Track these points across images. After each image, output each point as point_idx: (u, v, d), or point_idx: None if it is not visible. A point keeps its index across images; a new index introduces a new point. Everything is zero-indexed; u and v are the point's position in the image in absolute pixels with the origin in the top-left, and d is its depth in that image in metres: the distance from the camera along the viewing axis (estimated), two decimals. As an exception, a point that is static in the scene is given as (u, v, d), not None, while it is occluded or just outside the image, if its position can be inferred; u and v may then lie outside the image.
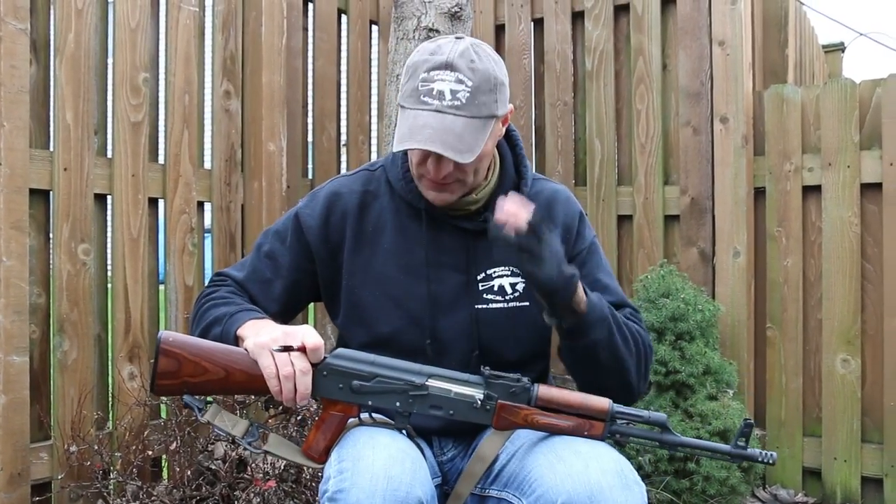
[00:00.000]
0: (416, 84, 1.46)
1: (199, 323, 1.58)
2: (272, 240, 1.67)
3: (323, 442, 1.45)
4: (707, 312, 2.83)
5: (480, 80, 1.46)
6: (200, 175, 2.75)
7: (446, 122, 1.42)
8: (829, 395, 2.95)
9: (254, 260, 1.67)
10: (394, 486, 1.28)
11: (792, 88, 3.06)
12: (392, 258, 1.60)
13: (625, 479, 1.33)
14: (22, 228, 2.24)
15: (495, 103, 1.48)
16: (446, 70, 1.44)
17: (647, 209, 3.28)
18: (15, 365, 2.22)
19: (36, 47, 2.35)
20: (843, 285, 2.92)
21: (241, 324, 1.49)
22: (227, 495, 2.26)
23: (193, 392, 1.46)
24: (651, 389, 2.79)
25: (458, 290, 1.59)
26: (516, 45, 3.62)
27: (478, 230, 1.59)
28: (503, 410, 1.42)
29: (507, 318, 1.60)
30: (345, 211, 1.63)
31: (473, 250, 1.60)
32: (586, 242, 1.68)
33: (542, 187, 1.69)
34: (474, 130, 1.45)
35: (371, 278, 1.60)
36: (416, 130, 1.43)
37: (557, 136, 3.50)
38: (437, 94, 1.44)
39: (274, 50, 2.93)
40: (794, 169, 3.02)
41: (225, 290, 1.63)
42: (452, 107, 1.43)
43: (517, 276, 1.61)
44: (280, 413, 2.53)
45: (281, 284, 1.63)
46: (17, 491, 2.22)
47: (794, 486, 3.01)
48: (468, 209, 1.59)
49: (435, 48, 1.49)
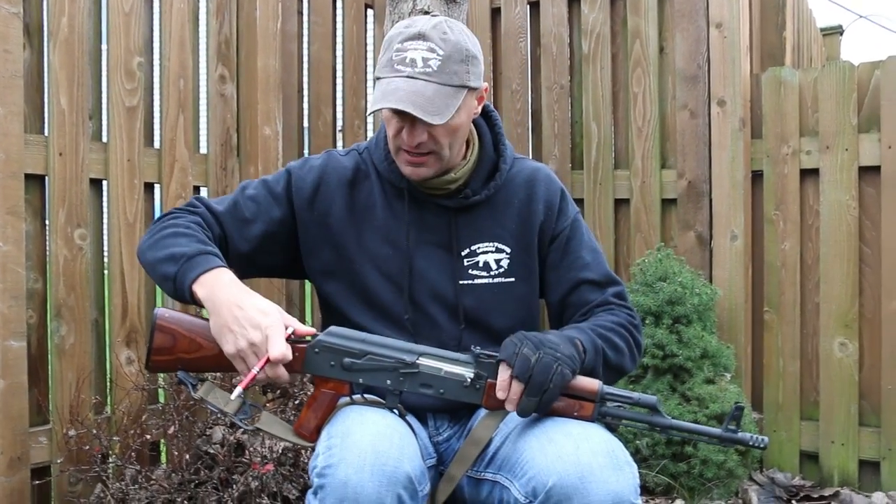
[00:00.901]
0: (390, 55, 1.51)
1: (154, 246, 1.53)
2: (259, 186, 1.67)
3: (314, 420, 1.45)
4: (704, 296, 2.83)
5: (452, 50, 1.50)
6: (196, 160, 2.75)
7: (417, 86, 1.47)
8: (827, 378, 2.96)
9: (236, 197, 1.66)
10: (382, 461, 1.28)
11: (790, 71, 3.05)
12: (381, 234, 1.64)
13: (616, 460, 1.33)
14: (18, 214, 2.24)
15: (467, 73, 1.52)
16: (419, 40, 1.49)
17: (644, 193, 3.28)
18: (13, 350, 2.22)
19: (29, 31, 2.33)
20: (841, 269, 2.92)
21: (194, 277, 1.44)
22: (225, 479, 2.27)
23: (188, 368, 1.47)
24: (648, 373, 2.80)
25: (443, 267, 1.63)
26: (512, 28, 3.60)
27: (459, 207, 1.64)
28: (493, 389, 1.42)
29: (493, 294, 1.64)
30: (337, 182, 1.66)
31: (455, 227, 1.64)
32: (568, 219, 1.70)
33: (521, 167, 1.71)
34: (445, 96, 1.48)
35: (363, 252, 1.63)
36: (388, 94, 1.47)
37: (554, 119, 3.49)
38: (410, 61, 1.48)
39: (269, 34, 2.92)
40: (792, 152, 3.02)
41: (191, 219, 1.59)
42: (423, 73, 1.48)
43: (501, 252, 1.65)
44: (278, 397, 2.54)
45: (259, 228, 1.63)
46: (17, 475, 2.23)
47: (791, 469, 3.02)
48: (448, 188, 1.62)
49: (409, 22, 1.54)
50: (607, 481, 1.30)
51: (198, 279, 1.44)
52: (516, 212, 1.66)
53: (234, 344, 1.38)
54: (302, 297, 3.21)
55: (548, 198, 1.68)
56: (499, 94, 3.65)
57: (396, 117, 1.52)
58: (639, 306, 2.81)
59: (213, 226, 1.61)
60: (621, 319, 1.62)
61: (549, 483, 1.31)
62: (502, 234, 1.65)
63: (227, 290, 1.42)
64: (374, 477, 1.27)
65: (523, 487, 1.38)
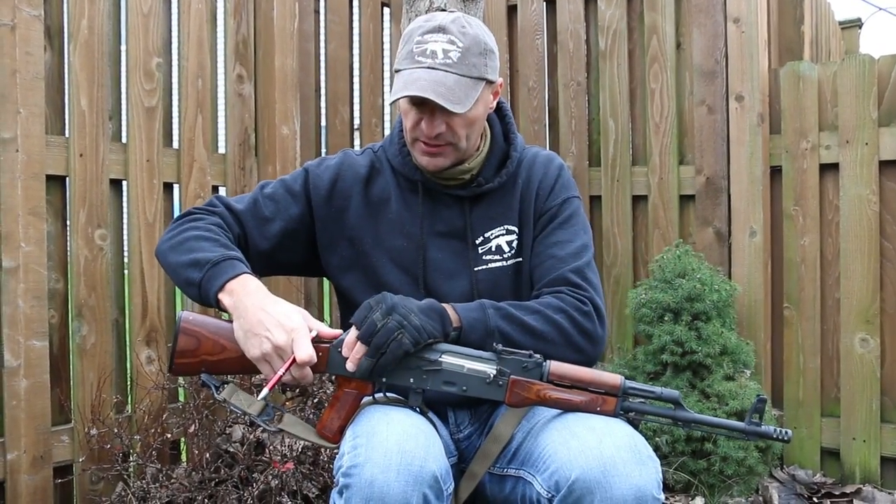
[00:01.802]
0: (410, 47, 1.54)
1: (176, 248, 1.55)
2: (277, 185, 1.70)
3: (337, 421, 1.46)
4: (723, 292, 2.81)
5: (471, 43, 1.53)
6: (215, 159, 2.76)
7: (438, 76, 1.50)
8: (848, 374, 2.93)
9: (255, 196, 1.69)
10: (408, 461, 1.29)
11: (808, 65, 3.03)
12: (396, 227, 1.66)
13: (638, 455, 1.33)
14: (39, 214, 2.26)
15: (485, 66, 1.55)
16: (439, 33, 1.53)
17: (662, 189, 3.26)
18: (35, 349, 2.24)
19: (50, 34, 2.35)
20: (862, 264, 2.90)
21: (220, 286, 1.47)
22: (245, 477, 2.28)
23: (211, 370, 1.48)
24: (668, 370, 2.79)
25: (458, 256, 1.65)
26: (529, 25, 3.59)
27: (472, 196, 1.66)
28: (515, 386, 1.43)
29: (507, 276, 1.65)
30: (353, 178, 1.69)
31: (470, 216, 1.66)
32: (557, 200, 1.68)
33: (527, 154, 1.74)
34: (465, 87, 1.51)
35: (379, 246, 1.66)
36: (410, 83, 1.50)
37: (571, 116, 3.48)
38: (430, 53, 1.51)
39: (286, 33, 2.93)
40: (811, 147, 2.99)
41: (214, 221, 1.61)
42: (444, 64, 1.51)
43: (512, 233, 1.66)
44: (297, 396, 2.55)
45: (279, 226, 1.66)
46: (40, 473, 2.25)
47: (812, 466, 3.00)
48: (462, 178, 1.65)
49: (429, 17, 1.57)
50: (630, 475, 1.30)
51: (224, 287, 1.47)
52: (520, 194, 1.68)
53: (259, 347, 1.40)
54: (321, 295, 3.22)
55: (543, 178, 1.70)
56: (515, 91, 3.64)
57: (415, 108, 1.55)
58: (658, 303, 2.80)
59: (234, 226, 1.64)
60: (559, 303, 1.54)
61: (572, 477, 1.31)
62: (510, 216, 1.67)
63: (252, 296, 1.45)
64: (401, 476, 1.27)
65: (546, 482, 1.38)
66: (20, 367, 2.21)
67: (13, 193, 2.20)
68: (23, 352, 2.21)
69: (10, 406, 2.19)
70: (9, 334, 2.19)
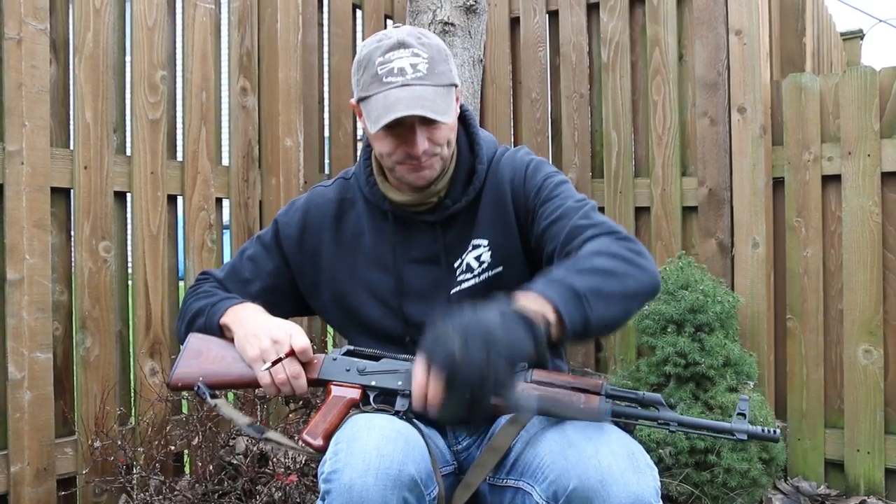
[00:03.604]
0: (373, 71, 1.49)
1: (183, 318, 1.67)
2: (255, 244, 1.75)
3: (323, 424, 1.47)
4: (726, 304, 2.81)
5: (434, 52, 1.51)
6: (218, 172, 2.77)
7: (416, 91, 1.46)
8: (852, 386, 2.93)
9: (235, 261, 1.76)
10: (386, 464, 1.29)
11: (810, 77, 3.04)
12: (372, 260, 1.66)
13: (636, 463, 1.32)
14: (44, 226, 2.27)
15: (451, 72, 1.54)
16: (400, 49, 1.49)
17: (665, 201, 3.27)
18: (39, 361, 2.24)
19: (55, 47, 2.36)
20: (865, 275, 2.90)
21: (222, 313, 1.58)
22: (248, 490, 2.28)
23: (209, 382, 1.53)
24: (671, 382, 2.79)
25: (436, 282, 1.63)
26: (531, 37, 3.61)
27: (443, 220, 1.63)
28: None
29: (484, 292, 1.59)
30: (321, 220, 1.70)
31: (443, 241, 1.63)
32: (536, 183, 1.60)
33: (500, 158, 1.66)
34: (443, 96, 1.49)
35: (357, 283, 1.66)
36: (391, 106, 1.45)
37: (574, 128, 3.49)
38: (399, 70, 1.47)
39: (290, 46, 2.94)
40: (814, 158, 3.00)
41: (208, 286, 1.72)
42: (417, 78, 1.47)
43: (478, 247, 1.63)
44: (301, 407, 2.55)
45: (259, 284, 1.71)
46: (44, 485, 2.25)
47: (816, 478, 2.99)
48: (430, 202, 1.61)
49: (381, 36, 1.54)
50: (628, 483, 1.29)
51: (224, 314, 1.59)
52: (488, 202, 1.63)
53: (257, 345, 1.48)
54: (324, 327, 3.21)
55: (512, 176, 1.63)
56: (518, 103, 3.66)
57: (391, 133, 1.50)
58: (661, 314, 2.80)
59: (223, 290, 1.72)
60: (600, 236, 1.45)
61: (570, 486, 1.31)
62: (478, 231, 1.63)
63: (251, 310, 1.57)
64: (379, 480, 1.27)
65: (544, 492, 1.38)
66: (24, 380, 2.21)
67: (18, 206, 2.21)
68: (27, 364, 2.21)
69: (14, 418, 2.20)
70: (13, 346, 2.19)
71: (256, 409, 2.46)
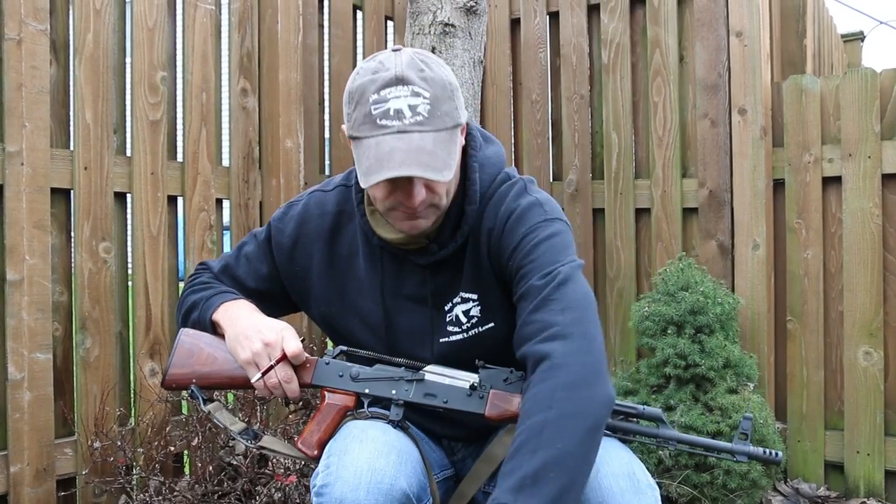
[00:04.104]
0: (367, 108, 1.31)
1: (180, 309, 1.65)
2: (251, 242, 1.67)
3: (317, 433, 1.47)
4: (727, 305, 2.81)
5: (437, 89, 1.33)
6: (219, 172, 2.77)
7: (414, 142, 1.28)
8: (852, 387, 2.93)
9: (231, 257, 1.69)
10: (377, 479, 1.29)
11: (811, 79, 3.04)
12: (364, 288, 1.55)
13: (637, 484, 1.32)
14: (44, 227, 2.27)
15: (456, 111, 1.36)
16: (398, 85, 1.30)
17: (665, 202, 3.27)
18: (39, 362, 2.24)
19: (55, 48, 2.36)
20: (865, 277, 2.90)
21: (214, 308, 1.55)
22: (248, 490, 2.28)
23: (202, 383, 1.52)
24: (671, 383, 2.78)
25: (423, 325, 1.54)
26: (532, 38, 3.61)
27: (432, 263, 1.50)
28: (495, 398, 1.43)
29: (473, 347, 1.52)
30: (315, 234, 1.58)
31: (433, 284, 1.52)
32: (512, 242, 1.44)
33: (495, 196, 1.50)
34: (444, 143, 1.32)
35: (348, 307, 1.57)
36: (385, 158, 1.28)
37: (574, 129, 3.49)
38: (395, 112, 1.29)
39: (290, 47, 2.94)
40: (814, 160, 3.00)
41: (206, 276, 1.68)
42: (416, 123, 1.29)
43: (468, 301, 1.51)
44: (300, 409, 2.54)
45: (252, 284, 1.65)
46: (43, 486, 2.25)
47: (816, 479, 2.99)
48: (420, 243, 1.48)
49: (377, 65, 1.34)
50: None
51: (217, 308, 1.55)
52: (471, 253, 1.50)
53: (249, 348, 1.45)
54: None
55: (492, 225, 1.47)
56: (518, 104, 3.66)
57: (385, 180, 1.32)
58: (661, 316, 2.80)
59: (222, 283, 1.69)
60: (545, 363, 1.29)
61: None
62: (466, 281, 1.51)
63: (244, 309, 1.53)
64: (370, 495, 1.27)
65: None
66: (24, 380, 2.21)
67: (18, 206, 2.21)
68: (26, 364, 2.21)
69: (14, 419, 2.20)
70: (13, 347, 2.19)
71: (256, 410, 2.46)
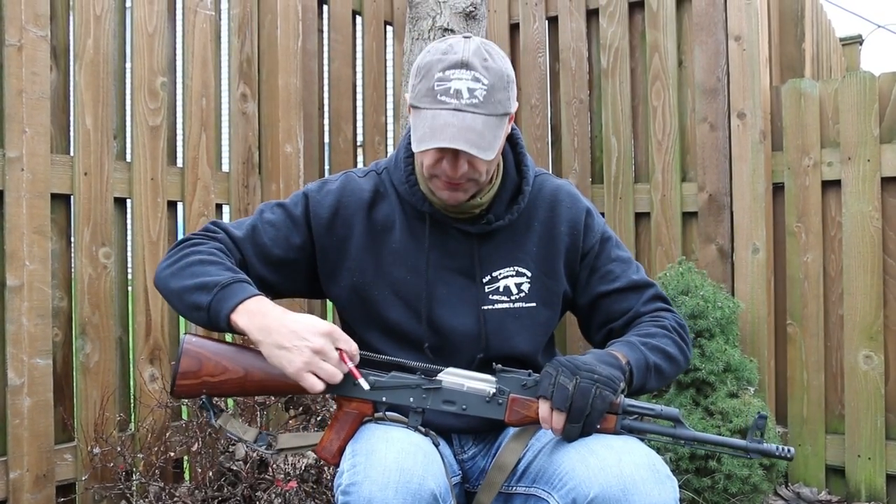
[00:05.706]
0: (431, 84, 1.44)
1: (177, 274, 1.51)
2: (278, 210, 1.63)
3: (337, 442, 1.46)
4: (727, 309, 2.81)
5: (496, 78, 1.45)
6: (218, 178, 2.77)
7: (467, 121, 1.42)
8: (852, 391, 2.93)
9: (255, 222, 1.63)
10: (406, 479, 1.29)
11: (810, 83, 3.04)
12: (400, 258, 1.60)
13: (657, 474, 1.33)
14: (44, 233, 2.27)
15: (509, 100, 1.49)
16: (462, 69, 1.43)
17: (665, 206, 3.27)
18: (39, 368, 2.24)
19: (56, 53, 2.37)
20: (865, 280, 2.90)
21: (231, 308, 1.43)
22: (248, 496, 2.28)
23: (212, 392, 1.48)
24: (671, 387, 2.78)
25: (465, 293, 1.60)
26: (531, 43, 3.61)
27: (482, 233, 1.60)
28: (515, 404, 1.43)
29: (514, 318, 1.61)
30: (356, 205, 1.62)
31: (478, 253, 1.61)
32: (596, 235, 1.68)
33: (543, 186, 1.68)
34: (493, 128, 1.44)
35: (381, 278, 1.60)
36: (438, 130, 1.41)
37: (573, 134, 3.49)
38: (455, 92, 1.42)
39: (290, 52, 2.95)
40: (813, 164, 3.00)
41: (214, 246, 1.57)
42: (471, 105, 1.42)
43: (522, 276, 1.62)
44: (300, 414, 2.54)
45: (279, 255, 1.60)
46: (43, 492, 2.25)
47: (817, 484, 2.99)
48: (472, 212, 1.59)
49: (447, 48, 1.47)
50: (650, 494, 1.30)
51: (236, 308, 1.43)
52: (538, 235, 1.63)
53: (299, 357, 1.37)
54: (323, 313, 3.22)
55: (571, 218, 1.65)
56: (518, 109, 3.64)
57: (434, 148, 1.45)
58: (661, 320, 2.79)
59: (234, 252, 1.60)
60: (669, 323, 1.63)
61: (591, 494, 1.32)
62: (523, 258, 1.62)
63: (272, 314, 1.42)
64: (399, 494, 1.27)
65: (562, 498, 1.38)
66: (23, 386, 2.21)
67: (18, 212, 2.21)
68: (26, 370, 2.21)
69: (14, 424, 2.19)
70: (12, 352, 2.19)
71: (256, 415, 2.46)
